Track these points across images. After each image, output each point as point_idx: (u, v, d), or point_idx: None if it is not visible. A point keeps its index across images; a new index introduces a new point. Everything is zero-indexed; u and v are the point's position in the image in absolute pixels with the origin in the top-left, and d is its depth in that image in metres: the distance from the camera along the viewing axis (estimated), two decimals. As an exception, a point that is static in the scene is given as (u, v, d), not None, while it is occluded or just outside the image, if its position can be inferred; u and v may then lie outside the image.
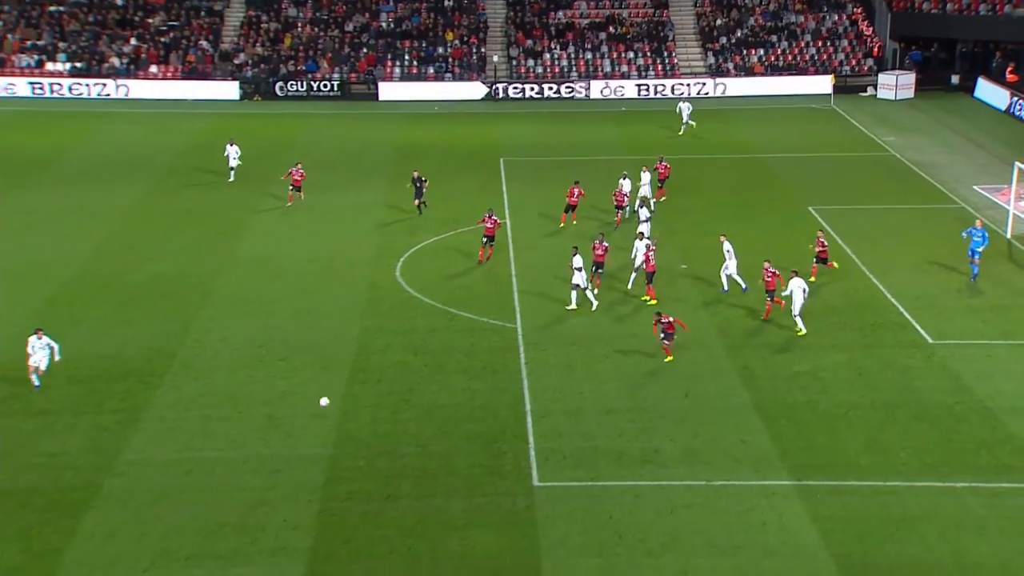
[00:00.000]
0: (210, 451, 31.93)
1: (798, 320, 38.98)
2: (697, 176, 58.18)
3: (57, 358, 35.11)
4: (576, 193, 50.10)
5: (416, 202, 51.93)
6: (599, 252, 42.54)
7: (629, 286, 42.86)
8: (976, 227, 44.58)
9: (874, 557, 26.95)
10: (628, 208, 50.67)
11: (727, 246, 43.00)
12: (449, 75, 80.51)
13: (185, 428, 33.20)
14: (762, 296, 40.39)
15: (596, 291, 41.89)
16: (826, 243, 44.02)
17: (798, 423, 33.14)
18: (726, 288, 42.61)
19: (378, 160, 63.27)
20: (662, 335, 37.01)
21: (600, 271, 42.74)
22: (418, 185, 51.86)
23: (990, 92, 74.58)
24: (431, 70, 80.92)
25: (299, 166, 54.15)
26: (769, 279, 39.84)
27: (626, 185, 51.51)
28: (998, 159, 59.47)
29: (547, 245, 48.20)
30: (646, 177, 52.22)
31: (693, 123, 68.36)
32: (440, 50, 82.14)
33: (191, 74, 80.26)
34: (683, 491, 29.65)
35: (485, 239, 45.99)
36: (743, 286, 42.31)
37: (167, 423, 33.50)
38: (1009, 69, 75.12)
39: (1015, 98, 71.06)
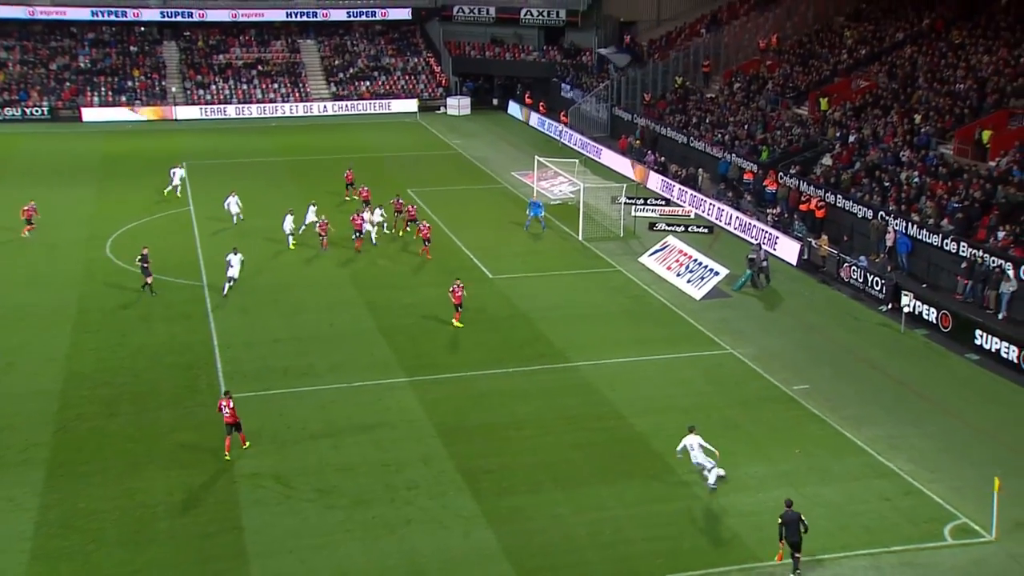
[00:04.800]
0: (-39, 394, 28.65)
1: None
2: (332, 169, 57.07)
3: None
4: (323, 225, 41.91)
5: (147, 281, 36.72)
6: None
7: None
8: (533, 199, 47.67)
9: (461, 423, 27.80)
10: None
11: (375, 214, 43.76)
12: (138, 102, 74.99)
13: (-62, 378, 29.61)
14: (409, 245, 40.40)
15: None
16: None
17: (408, 338, 33.62)
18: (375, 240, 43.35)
19: (86, 165, 57.97)
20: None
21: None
22: (144, 265, 36.66)
23: (516, 110, 78.46)
24: (124, 98, 75.06)
25: (32, 204, 44.47)
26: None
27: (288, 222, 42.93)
28: (524, 154, 61.91)
29: (221, 223, 46.12)
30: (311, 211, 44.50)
31: (178, 186, 51.05)
32: (130, 83, 76.37)
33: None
34: (332, 392, 29.50)
35: (356, 233, 42.06)
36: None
37: (-78, 376, 29.74)
38: (526, 95, 78.90)
39: (530, 114, 75.01)
